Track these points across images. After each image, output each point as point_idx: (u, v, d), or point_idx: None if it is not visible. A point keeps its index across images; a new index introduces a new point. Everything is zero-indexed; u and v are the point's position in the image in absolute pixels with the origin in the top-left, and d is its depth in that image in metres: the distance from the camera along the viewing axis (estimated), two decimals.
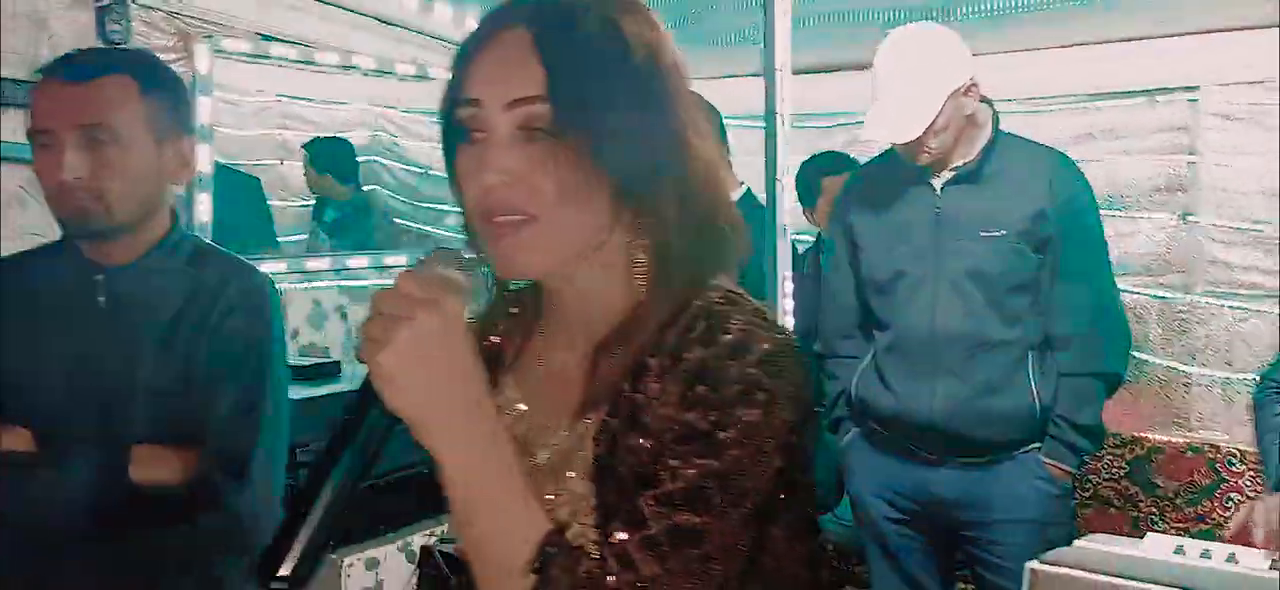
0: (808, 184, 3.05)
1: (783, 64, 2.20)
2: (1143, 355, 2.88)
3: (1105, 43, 2.81)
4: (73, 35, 2.43)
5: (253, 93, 3.52)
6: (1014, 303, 2.23)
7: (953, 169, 2.26)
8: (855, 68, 2.98)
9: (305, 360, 2.74)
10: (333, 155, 3.77)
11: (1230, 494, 2.79)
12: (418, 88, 3.51)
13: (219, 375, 1.49)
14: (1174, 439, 2.85)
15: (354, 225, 3.75)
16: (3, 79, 2.31)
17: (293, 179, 4.00)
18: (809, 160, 3.07)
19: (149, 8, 2.64)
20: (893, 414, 2.28)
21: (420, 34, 3.29)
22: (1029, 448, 2.22)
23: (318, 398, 2.43)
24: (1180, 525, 2.81)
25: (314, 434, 2.37)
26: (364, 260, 3.35)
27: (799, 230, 2.94)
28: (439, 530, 2.45)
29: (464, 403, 0.79)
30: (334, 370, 2.65)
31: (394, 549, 2.46)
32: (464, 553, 0.83)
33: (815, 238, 3.11)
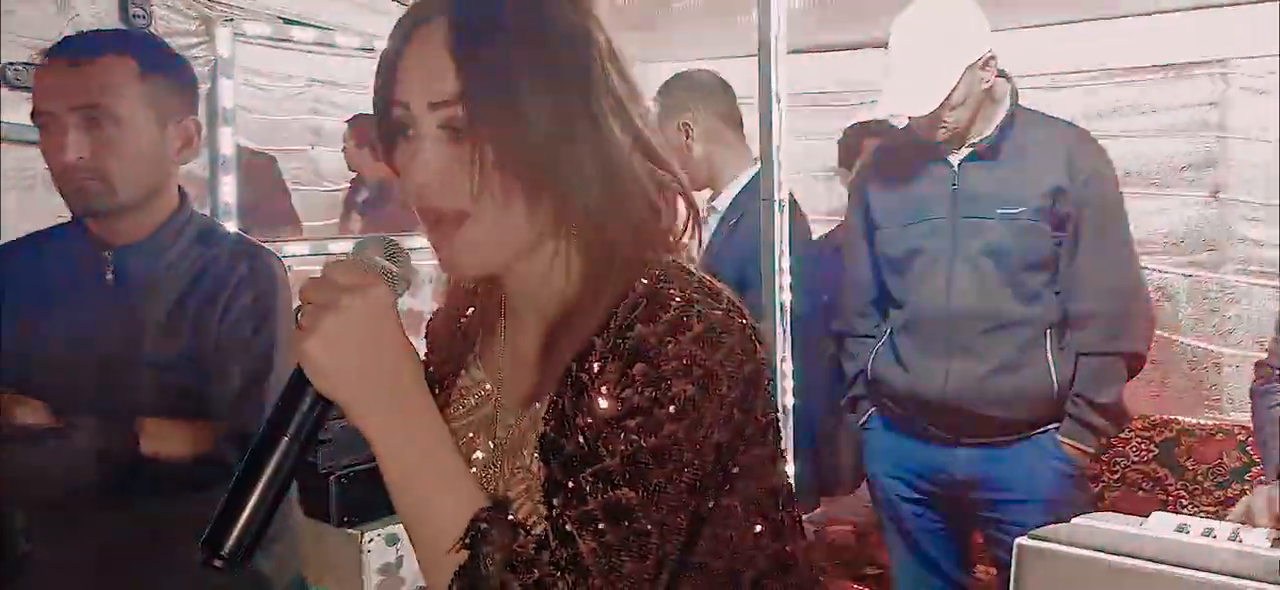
0: (850, 144, 3.14)
1: (778, 38, 2.15)
2: (1172, 335, 2.83)
3: (1130, 15, 2.75)
4: (96, 19, 2.46)
5: (283, 78, 3.56)
6: (1031, 281, 2.19)
7: (970, 145, 2.22)
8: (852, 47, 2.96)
9: None
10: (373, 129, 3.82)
11: (1261, 478, 2.73)
12: None
13: (227, 351, 1.51)
14: (1204, 421, 2.80)
15: (387, 205, 3.79)
16: (20, 63, 2.36)
17: (324, 163, 4.06)
18: (856, 124, 3.15)
19: None
20: (907, 393, 2.25)
21: None
22: (1046, 428, 2.19)
23: None
24: (1209, 509, 2.76)
25: (335, 412, 2.40)
26: None
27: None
28: None
29: (392, 386, 0.80)
30: None
31: None
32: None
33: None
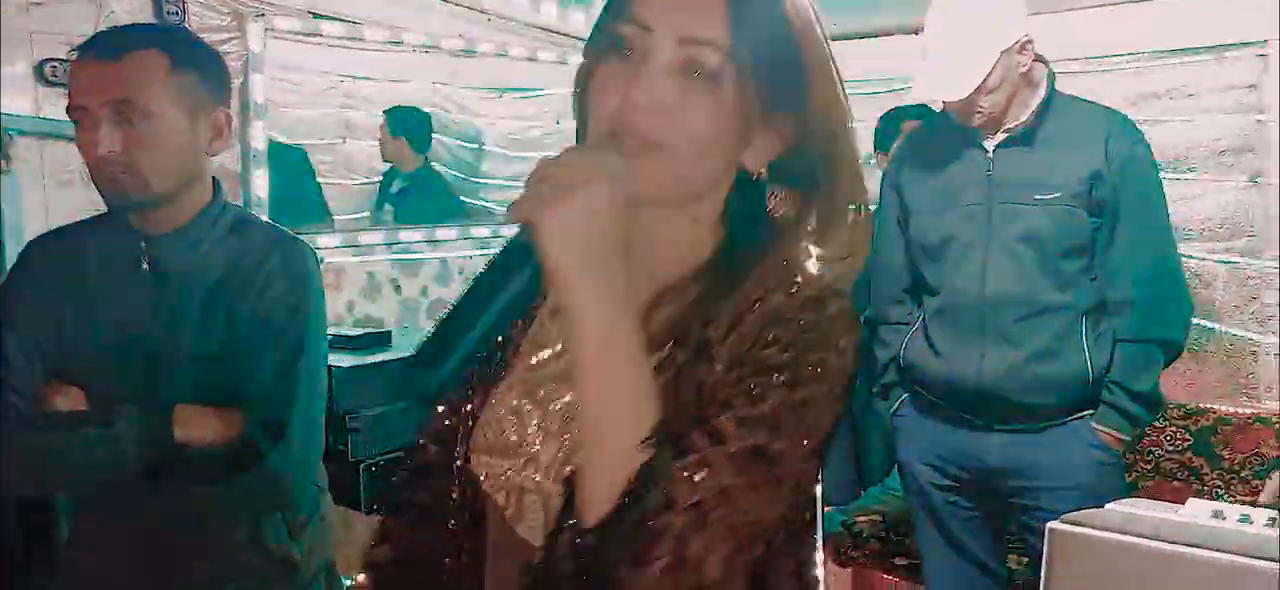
0: (886, 129, 3.12)
1: None
2: (1209, 323, 2.79)
3: None
4: (130, 15, 2.50)
5: (315, 73, 3.60)
6: (1067, 267, 2.17)
7: (1006, 130, 2.20)
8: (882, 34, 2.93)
9: (357, 331, 2.79)
10: (409, 122, 3.88)
11: None
12: (467, 63, 3.54)
13: (260, 340, 1.53)
14: (1240, 410, 2.75)
15: (419, 197, 3.83)
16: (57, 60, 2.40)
17: (356, 157, 4.10)
18: (893, 109, 3.13)
19: None
20: (941, 379, 2.23)
21: (466, 9, 3.30)
22: (1081, 414, 2.16)
23: (368, 366, 2.47)
24: (1246, 499, 2.71)
25: (366, 401, 2.43)
26: (417, 234, 3.40)
27: None
28: None
29: (609, 270, 0.82)
30: (385, 340, 2.69)
31: None
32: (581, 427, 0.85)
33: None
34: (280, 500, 1.57)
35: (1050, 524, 1.23)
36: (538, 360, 0.98)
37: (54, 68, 2.44)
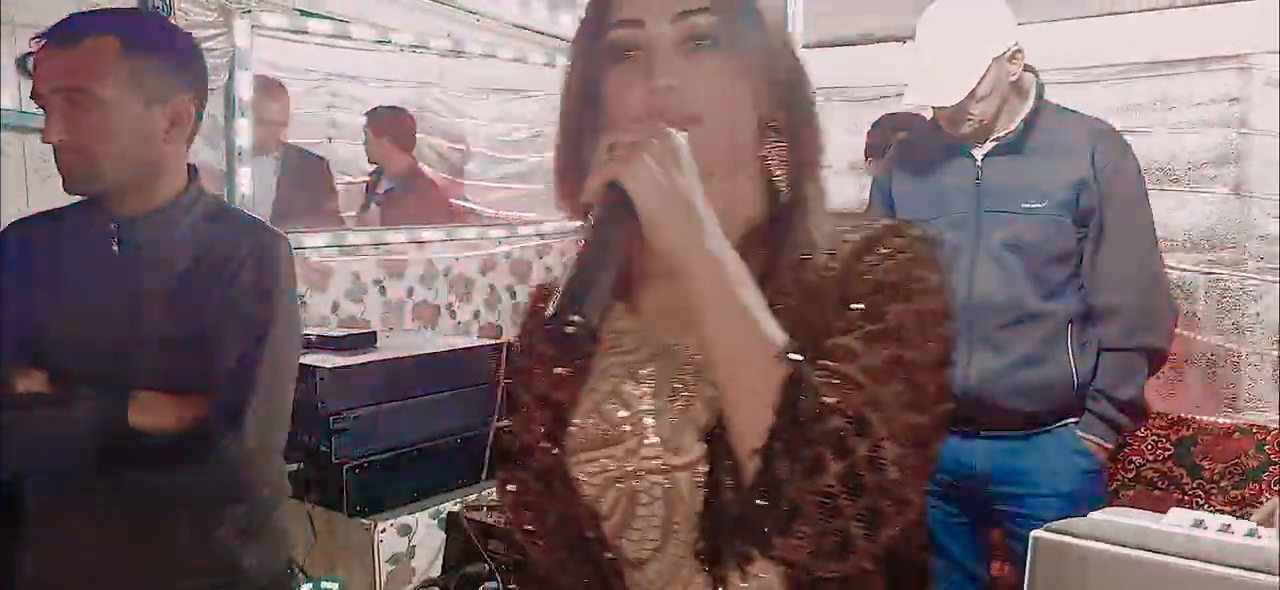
0: (877, 136, 3.18)
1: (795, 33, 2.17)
2: (1191, 333, 2.81)
3: (1154, 10, 2.72)
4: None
5: (301, 71, 3.59)
6: (1054, 274, 2.18)
7: (995, 139, 2.22)
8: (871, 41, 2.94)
9: (341, 331, 2.77)
10: (394, 122, 3.87)
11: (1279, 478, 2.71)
12: (454, 63, 3.53)
13: (225, 328, 1.52)
14: (1221, 420, 2.77)
15: (406, 197, 3.83)
16: None
17: (341, 156, 4.09)
18: (887, 115, 3.17)
19: None
20: None
21: (455, 9, 3.29)
22: (1066, 422, 2.18)
23: (353, 367, 2.46)
24: (1225, 509, 2.73)
25: (351, 402, 2.42)
26: (402, 235, 3.39)
27: None
28: (465, 498, 2.47)
29: (695, 205, 0.83)
30: (370, 341, 2.67)
31: (426, 516, 2.48)
32: (712, 359, 0.85)
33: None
34: (233, 490, 1.55)
35: (1034, 532, 1.24)
36: (628, 347, 0.98)
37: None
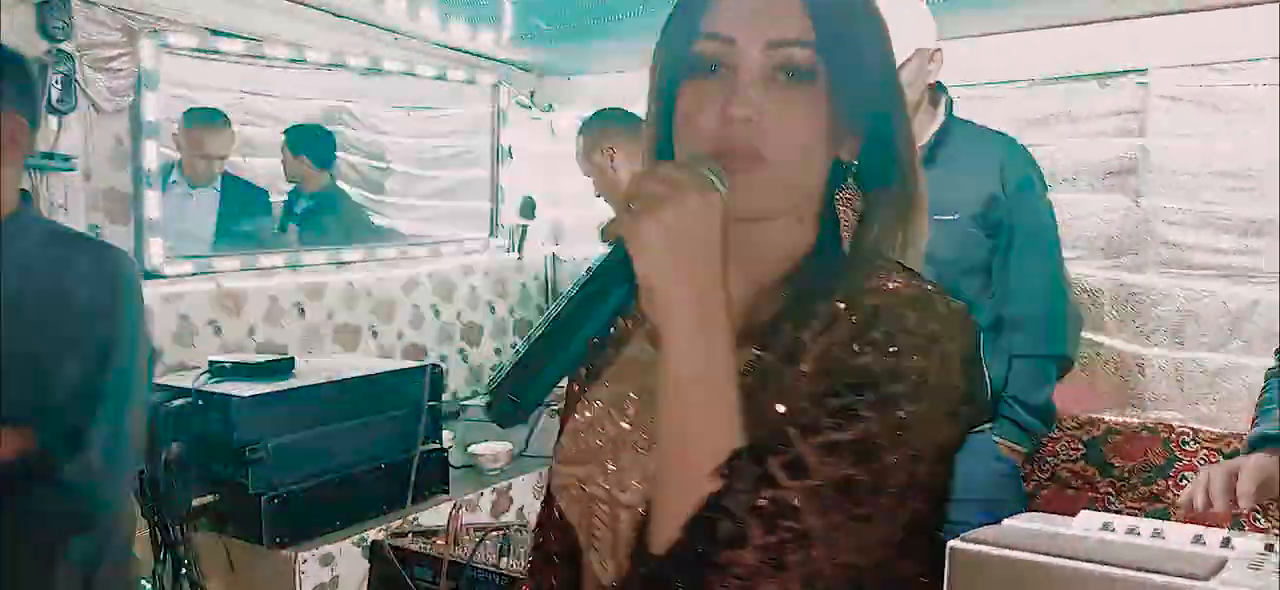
0: None
1: None
2: (1098, 337, 2.90)
3: (1055, 26, 2.82)
4: (13, 31, 2.39)
5: (214, 89, 3.50)
6: (965, 285, 2.24)
7: None
8: None
9: (257, 358, 2.70)
10: (311, 139, 3.80)
11: (1184, 472, 2.82)
12: (373, 80, 3.48)
13: (62, 350, 1.48)
14: (1129, 420, 2.88)
15: (325, 215, 3.75)
16: None
17: (257, 175, 3.99)
18: None
19: (92, 3, 2.60)
20: None
21: (372, 27, 3.25)
22: (981, 429, 2.24)
23: (269, 395, 2.40)
24: (1135, 505, 2.84)
25: (267, 431, 2.36)
26: (321, 256, 3.32)
27: None
28: (390, 526, 2.43)
29: (706, 287, 0.78)
30: (287, 367, 2.61)
31: (350, 544, 2.44)
32: (669, 441, 0.79)
33: None
34: (76, 521, 1.51)
35: (950, 543, 1.27)
36: (630, 372, 0.95)
37: None
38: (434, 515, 2.48)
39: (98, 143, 2.67)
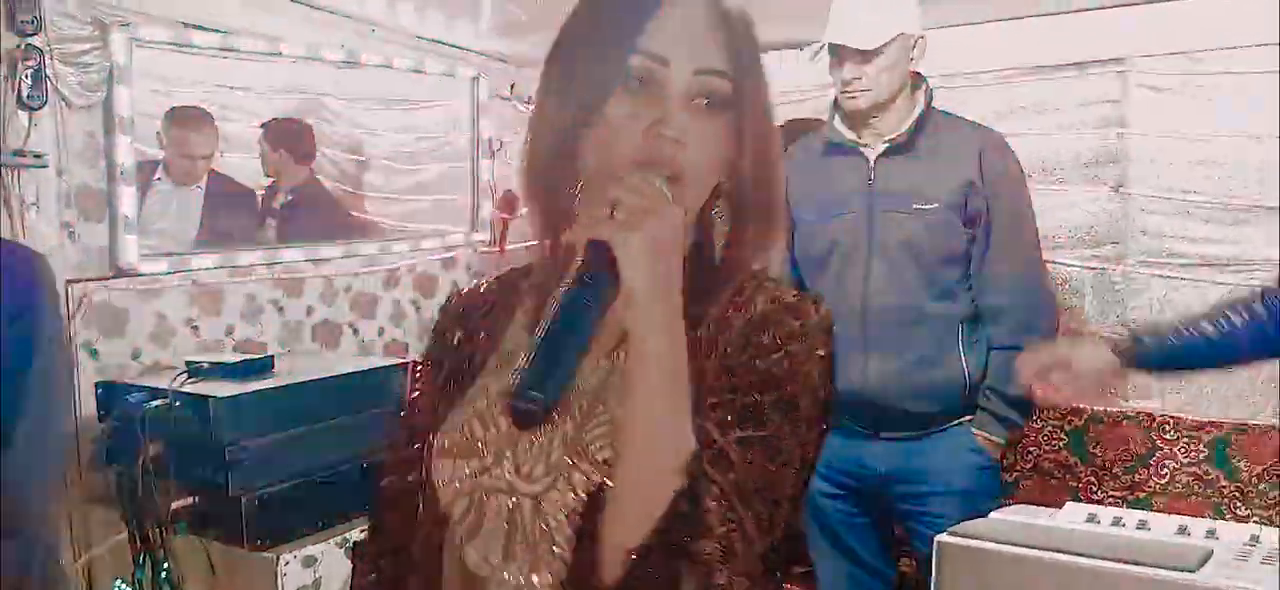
0: (788, 139, 3.12)
1: None
2: (1079, 327, 2.91)
3: (1034, 16, 2.82)
4: None
5: (188, 83, 3.46)
6: (945, 276, 2.24)
7: (887, 141, 2.27)
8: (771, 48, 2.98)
9: (235, 357, 2.67)
10: (289, 133, 3.75)
11: (1165, 461, 2.84)
12: (350, 73, 3.45)
13: None
14: (1110, 409, 2.89)
15: (304, 210, 3.71)
16: None
17: (235, 171, 3.94)
18: (788, 120, 3.12)
19: None
20: None
21: (348, 18, 3.21)
22: (960, 420, 2.24)
23: (248, 394, 2.37)
24: (1117, 494, 2.85)
25: (246, 431, 2.33)
26: (299, 252, 3.28)
27: None
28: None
29: (675, 295, 0.84)
30: (266, 366, 2.58)
31: (331, 545, 2.41)
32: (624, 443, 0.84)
33: None
34: (4, 519, 1.49)
35: (937, 538, 1.27)
36: (506, 374, 0.98)
37: None
38: None
39: (70, 138, 2.62)
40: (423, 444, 1.02)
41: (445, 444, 0.97)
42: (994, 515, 1.34)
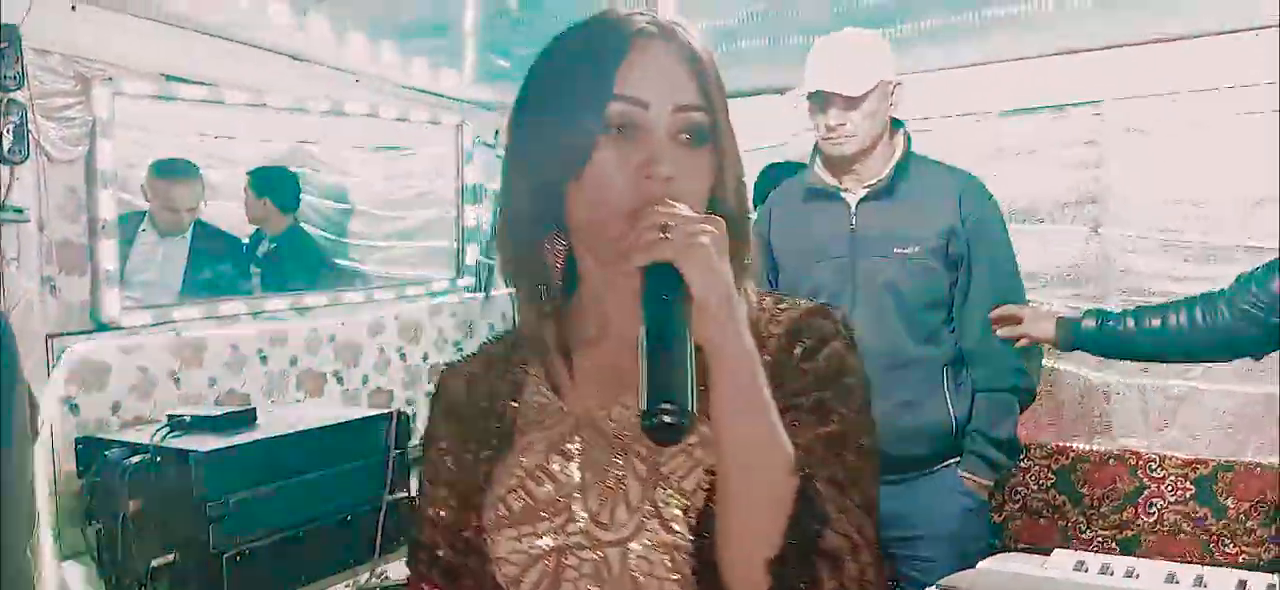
0: (764, 185, 3.09)
1: None
2: (1063, 367, 2.92)
3: (1013, 60, 2.86)
4: None
5: (171, 133, 3.46)
6: (928, 319, 2.25)
7: (867, 186, 2.28)
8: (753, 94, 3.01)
9: (217, 410, 2.65)
10: (275, 182, 3.75)
11: (1152, 500, 2.84)
12: (335, 122, 3.46)
13: None
14: (1098, 448, 2.89)
15: (289, 259, 3.70)
16: None
17: (219, 220, 3.94)
18: (770, 165, 3.14)
19: (44, 52, 2.56)
20: None
21: (334, 69, 3.23)
22: (948, 463, 2.24)
23: (231, 448, 2.35)
24: (1105, 533, 2.85)
25: (229, 486, 2.30)
26: (283, 301, 3.27)
27: None
28: (357, 580, 2.38)
29: (741, 301, 0.85)
30: (249, 419, 2.56)
31: None
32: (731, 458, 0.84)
33: None
34: None
35: (928, 588, 1.26)
36: (547, 420, 0.98)
37: None
38: (403, 568, 2.43)
39: (51, 193, 2.62)
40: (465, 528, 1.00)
41: (504, 512, 0.96)
42: (982, 565, 1.34)
